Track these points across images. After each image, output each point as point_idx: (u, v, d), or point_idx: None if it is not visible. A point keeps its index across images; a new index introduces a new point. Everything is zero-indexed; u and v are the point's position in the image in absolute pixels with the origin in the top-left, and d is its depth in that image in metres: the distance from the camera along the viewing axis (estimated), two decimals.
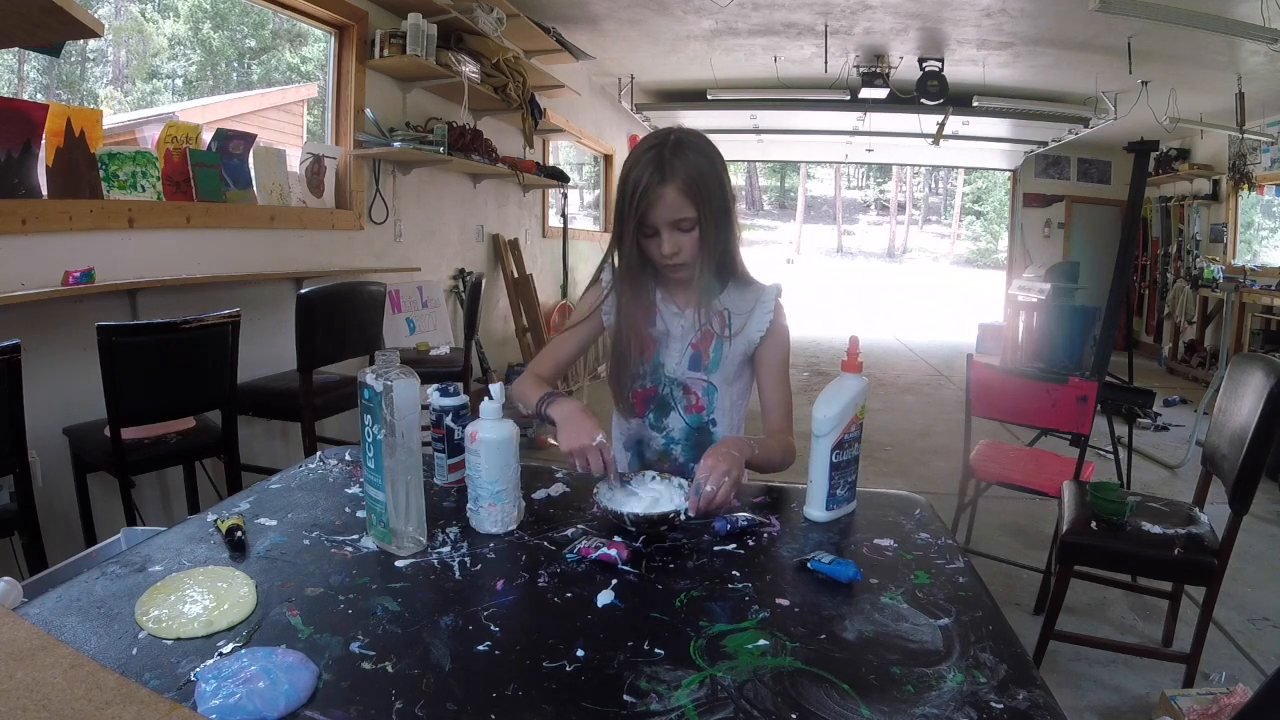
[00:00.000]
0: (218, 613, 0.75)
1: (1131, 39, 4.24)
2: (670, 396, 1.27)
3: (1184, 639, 1.95)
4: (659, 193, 1.10)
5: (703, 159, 1.12)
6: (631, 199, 1.11)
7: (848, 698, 0.65)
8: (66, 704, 0.56)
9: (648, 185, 1.10)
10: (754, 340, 1.24)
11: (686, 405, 1.26)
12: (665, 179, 1.10)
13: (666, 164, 1.10)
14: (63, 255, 2.08)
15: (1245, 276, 5.67)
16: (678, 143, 1.12)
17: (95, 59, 5.99)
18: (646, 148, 1.13)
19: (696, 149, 1.13)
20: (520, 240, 4.88)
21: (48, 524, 1.72)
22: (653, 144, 1.13)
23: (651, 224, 1.13)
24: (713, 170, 1.13)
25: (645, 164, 1.10)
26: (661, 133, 1.15)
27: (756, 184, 29.13)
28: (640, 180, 1.10)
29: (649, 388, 1.27)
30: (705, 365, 1.25)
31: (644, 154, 1.12)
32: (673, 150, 1.11)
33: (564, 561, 0.90)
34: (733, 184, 1.22)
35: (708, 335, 1.24)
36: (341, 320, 2.47)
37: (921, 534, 1.01)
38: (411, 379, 0.90)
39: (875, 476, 3.60)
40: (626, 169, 1.14)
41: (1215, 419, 1.87)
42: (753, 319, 1.23)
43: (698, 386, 1.25)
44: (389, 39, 3.17)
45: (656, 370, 1.26)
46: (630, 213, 1.12)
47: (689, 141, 1.13)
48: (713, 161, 1.14)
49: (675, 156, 1.10)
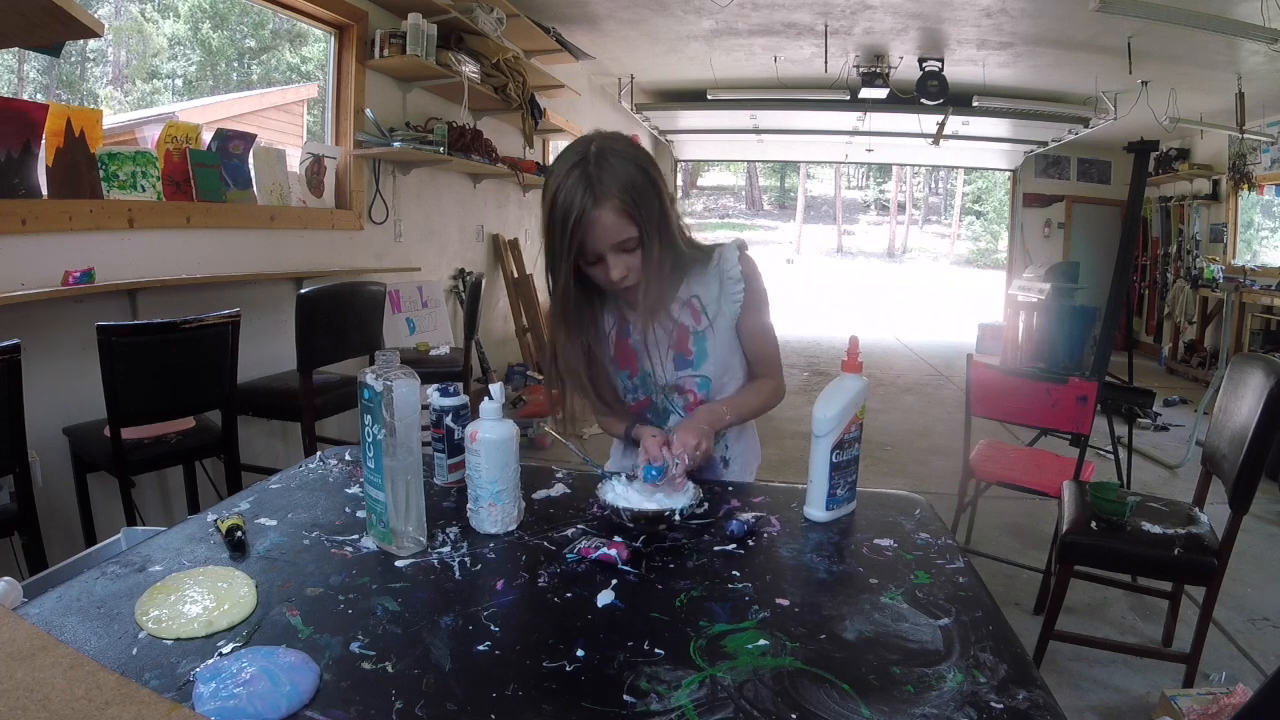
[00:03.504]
0: (218, 613, 0.75)
1: (1131, 39, 4.24)
2: (667, 402, 1.25)
3: (1184, 639, 1.95)
4: (594, 216, 1.00)
5: (630, 165, 1.02)
6: (564, 228, 1.00)
7: (848, 698, 0.65)
8: (66, 704, 0.56)
9: (581, 210, 0.99)
10: (734, 314, 1.19)
11: (685, 405, 1.24)
12: (598, 200, 1.00)
13: (595, 181, 1.00)
14: (63, 255, 2.08)
15: (1245, 276, 5.67)
16: (600, 154, 1.01)
17: (95, 59, 5.99)
18: (569, 165, 1.02)
19: (621, 155, 1.03)
20: (520, 240, 4.88)
21: (48, 524, 1.72)
22: (574, 160, 1.02)
23: (592, 251, 1.04)
24: (644, 175, 1.04)
25: (572, 186, 1.00)
26: (580, 144, 1.05)
27: (756, 184, 29.11)
28: (570, 205, 1.00)
29: (641, 399, 1.26)
30: (691, 361, 1.22)
31: (568, 173, 1.01)
32: (597, 164, 1.00)
33: (564, 561, 0.90)
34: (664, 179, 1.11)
35: (683, 332, 1.20)
36: (341, 320, 2.47)
37: (921, 534, 1.01)
38: (411, 379, 0.90)
39: (875, 476, 3.60)
40: (551, 191, 1.02)
41: (1215, 419, 1.87)
42: (724, 297, 1.18)
43: (691, 384, 1.23)
44: (389, 39, 3.17)
45: (646, 381, 1.23)
46: (565, 244, 1.02)
47: (611, 149, 1.03)
48: (641, 165, 1.04)
49: (602, 170, 1.00)
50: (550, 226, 1.04)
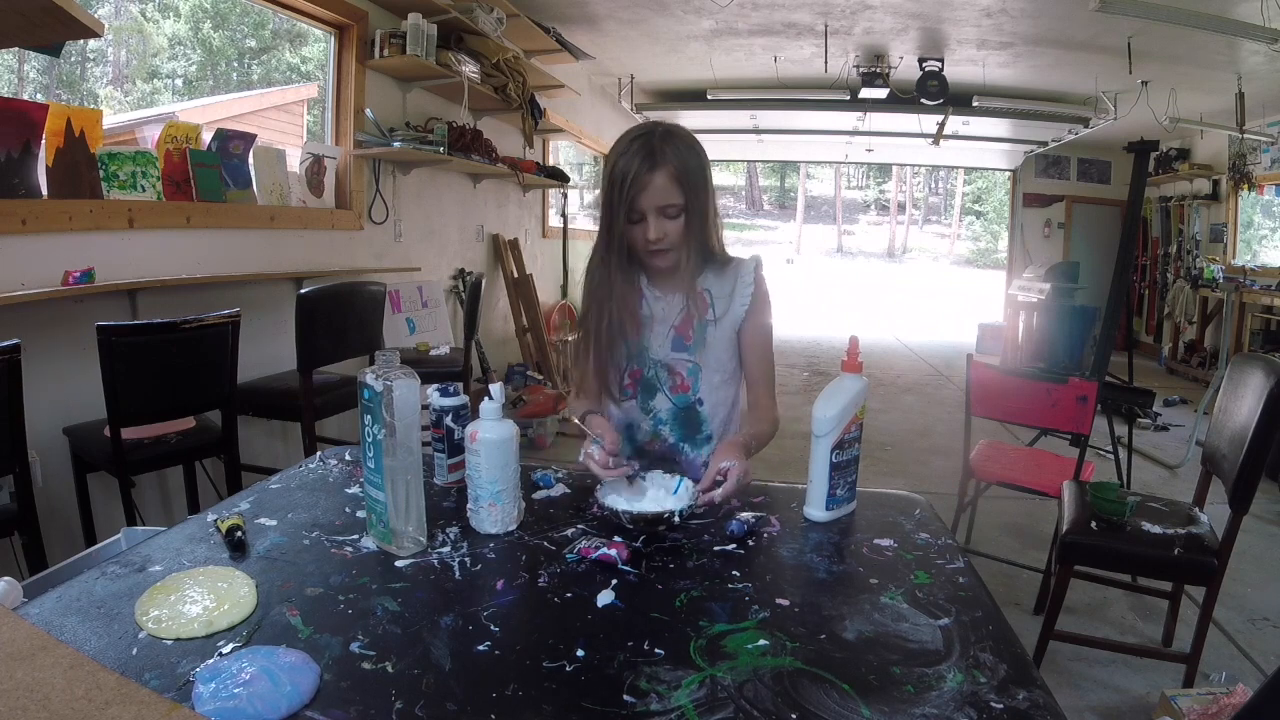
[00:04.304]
0: (218, 613, 0.75)
1: (1131, 39, 4.24)
2: (656, 378, 1.29)
3: (1184, 639, 1.95)
4: (648, 178, 1.13)
5: (690, 151, 1.16)
6: (620, 186, 1.14)
7: (848, 698, 0.65)
8: (66, 704, 0.56)
9: (638, 171, 1.12)
10: (739, 316, 1.26)
11: (672, 386, 1.29)
12: (655, 165, 1.13)
13: (656, 151, 1.13)
14: (63, 255, 2.07)
15: (1245, 276, 5.67)
16: (666, 133, 1.16)
17: (95, 59, 5.99)
18: (633, 138, 1.16)
19: (684, 141, 1.17)
20: (520, 240, 4.88)
21: (48, 524, 1.72)
22: (640, 134, 1.16)
23: (640, 209, 1.16)
24: (699, 163, 1.17)
25: (634, 153, 1.13)
26: (648, 125, 1.19)
27: (756, 184, 29.11)
28: (629, 167, 1.13)
29: (635, 370, 1.30)
30: (688, 346, 1.27)
31: (631, 144, 1.15)
32: (661, 139, 1.14)
33: (564, 561, 0.90)
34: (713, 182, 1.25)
35: (689, 318, 1.26)
36: (341, 320, 2.46)
37: (921, 534, 1.01)
38: (411, 379, 0.90)
39: (875, 476, 3.60)
40: (613, 159, 1.16)
41: (1215, 419, 1.87)
42: (735, 297, 1.25)
43: (682, 367, 1.28)
44: (389, 39, 3.17)
45: (642, 353, 1.29)
46: (619, 200, 1.15)
47: (676, 133, 1.17)
48: (699, 155, 1.18)
49: (665, 145, 1.14)
50: (609, 186, 1.16)
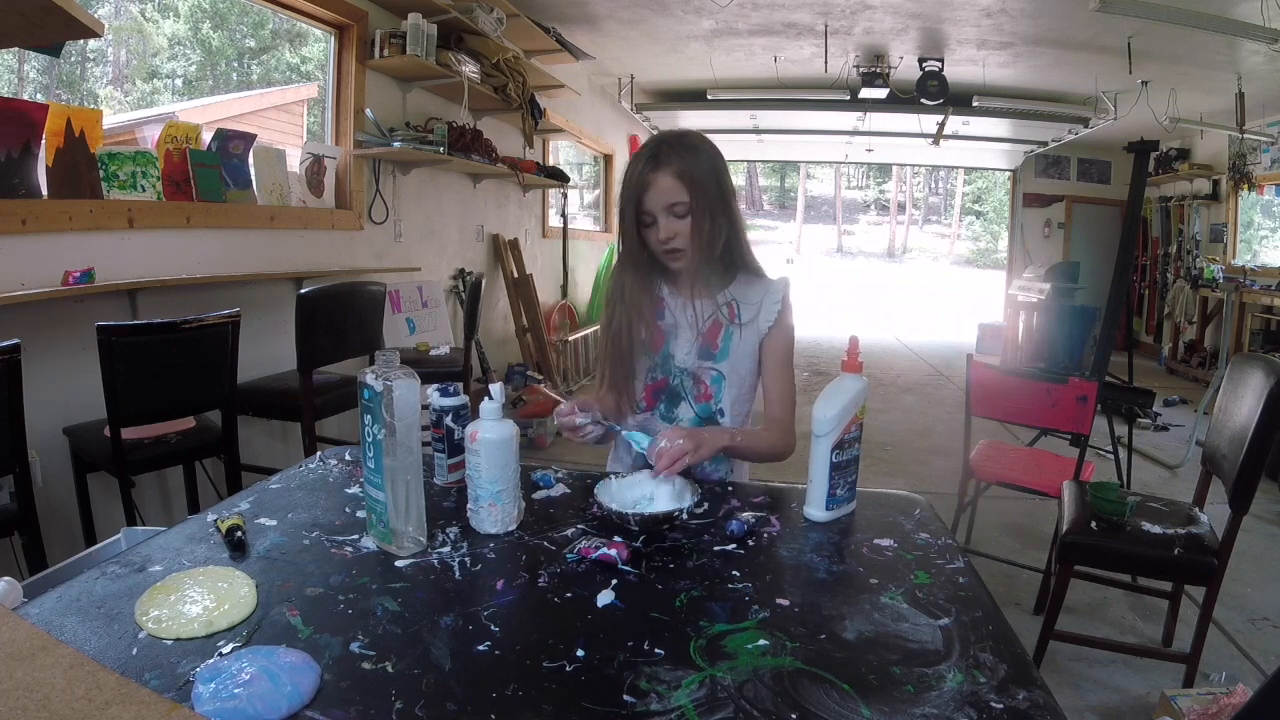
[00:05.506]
0: (218, 613, 0.75)
1: (1131, 39, 4.24)
2: (681, 387, 1.29)
3: (1184, 639, 1.95)
4: (653, 178, 1.17)
5: (698, 153, 1.20)
6: (629, 188, 1.20)
7: (848, 698, 0.65)
8: (66, 704, 0.56)
9: (643, 172, 1.18)
10: (762, 330, 1.27)
11: (696, 395, 1.29)
12: (659, 166, 1.18)
13: (662, 154, 1.18)
14: (63, 255, 2.07)
15: (1245, 276, 5.67)
16: (676, 138, 1.20)
17: (95, 59, 5.99)
18: (645, 145, 1.22)
19: (692, 144, 1.20)
20: (520, 240, 4.88)
21: (48, 524, 1.72)
22: (652, 141, 1.22)
23: (648, 210, 1.20)
24: (707, 163, 1.20)
25: (642, 158, 1.19)
26: (664, 132, 1.25)
27: (756, 184, 29.10)
28: (636, 170, 1.19)
29: (659, 379, 1.30)
30: (715, 354, 1.28)
31: (644, 151, 1.21)
32: (670, 145, 1.19)
33: (564, 561, 0.90)
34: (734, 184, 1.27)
35: (716, 325, 1.28)
36: (341, 320, 2.46)
37: (921, 534, 1.01)
38: (411, 379, 0.90)
39: (875, 476, 3.60)
40: (629, 167, 1.22)
41: (1215, 419, 1.87)
42: (762, 310, 1.27)
43: (707, 376, 1.28)
44: (389, 39, 3.17)
45: (666, 361, 1.29)
46: (629, 202, 1.20)
47: (687, 138, 1.21)
48: (709, 156, 1.21)
49: (671, 150, 1.18)
50: (621, 191, 1.23)
